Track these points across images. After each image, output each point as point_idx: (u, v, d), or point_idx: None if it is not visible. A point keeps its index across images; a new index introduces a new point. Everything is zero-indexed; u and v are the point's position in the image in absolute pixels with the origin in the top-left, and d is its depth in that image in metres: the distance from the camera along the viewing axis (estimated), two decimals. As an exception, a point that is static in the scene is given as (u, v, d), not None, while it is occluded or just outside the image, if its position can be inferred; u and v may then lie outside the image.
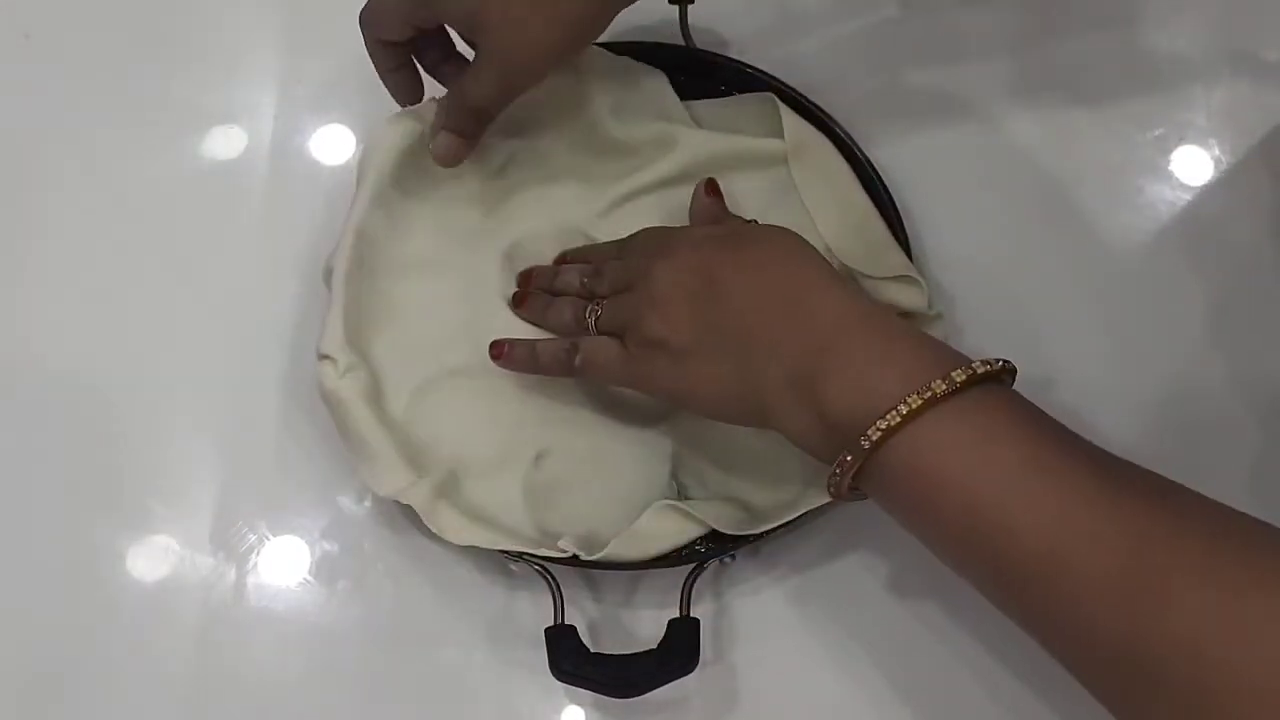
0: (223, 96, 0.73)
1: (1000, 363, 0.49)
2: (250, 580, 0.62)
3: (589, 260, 0.64)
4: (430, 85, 0.65)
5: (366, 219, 0.63)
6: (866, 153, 0.66)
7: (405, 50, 0.62)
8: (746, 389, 0.53)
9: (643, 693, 0.56)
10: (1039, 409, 0.49)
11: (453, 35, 0.64)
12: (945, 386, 0.47)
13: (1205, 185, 0.69)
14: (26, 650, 0.62)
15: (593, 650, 0.57)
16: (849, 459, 0.49)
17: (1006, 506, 0.46)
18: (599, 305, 0.59)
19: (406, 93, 0.64)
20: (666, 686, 0.56)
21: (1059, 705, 0.58)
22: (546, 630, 0.57)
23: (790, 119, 0.67)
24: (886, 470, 0.49)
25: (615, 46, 0.68)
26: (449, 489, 0.59)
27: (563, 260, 0.65)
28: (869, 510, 0.52)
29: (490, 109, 0.61)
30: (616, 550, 0.57)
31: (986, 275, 0.66)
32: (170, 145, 0.72)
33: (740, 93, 0.69)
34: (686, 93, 0.68)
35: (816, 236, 0.66)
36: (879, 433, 0.47)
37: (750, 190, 0.67)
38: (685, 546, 0.59)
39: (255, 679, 0.61)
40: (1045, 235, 0.68)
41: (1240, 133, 0.70)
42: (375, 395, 0.61)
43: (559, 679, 0.56)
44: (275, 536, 0.63)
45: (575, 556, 0.57)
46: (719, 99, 0.69)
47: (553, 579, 0.58)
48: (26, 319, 0.68)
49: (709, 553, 0.59)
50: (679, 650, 0.56)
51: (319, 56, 0.74)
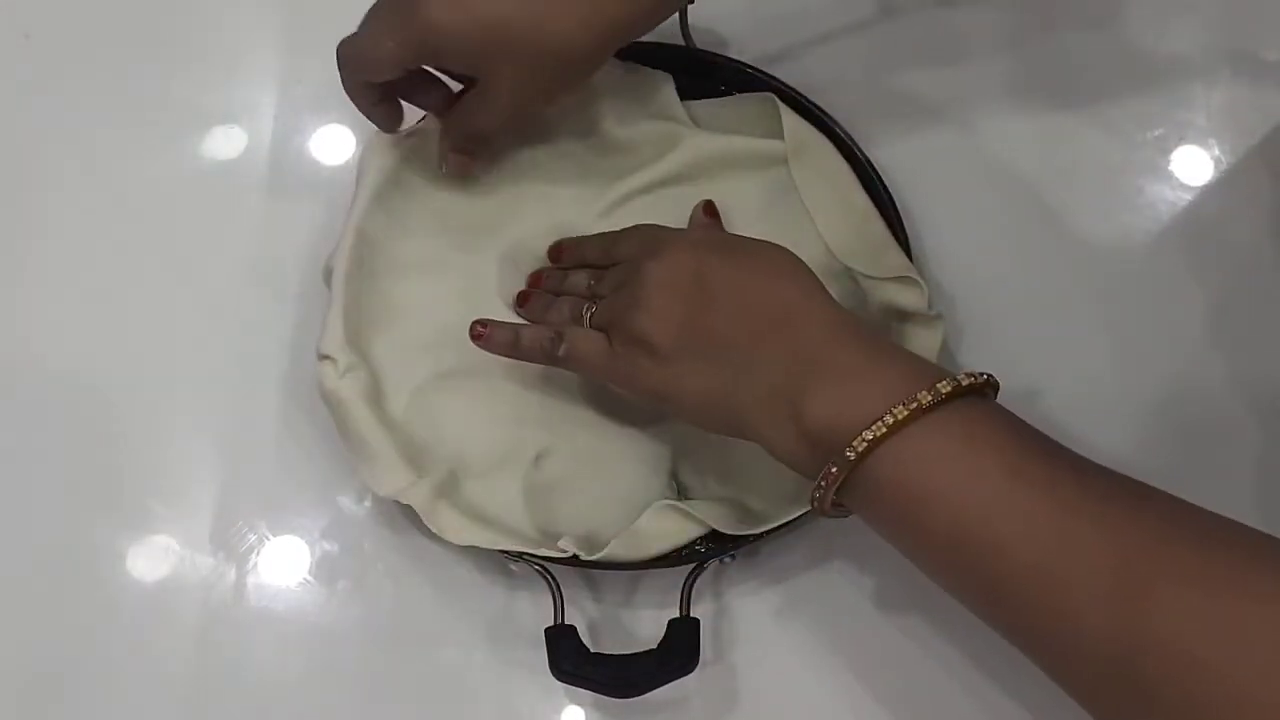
0: (223, 96, 0.73)
1: (984, 375, 0.49)
2: (250, 580, 0.62)
3: (584, 251, 0.64)
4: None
5: (366, 219, 0.63)
6: (866, 153, 0.66)
7: (389, 86, 0.61)
8: (725, 398, 0.52)
9: (643, 693, 0.56)
10: (1021, 420, 0.49)
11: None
12: (930, 398, 0.47)
13: (1205, 185, 0.69)
14: (26, 650, 0.62)
15: (593, 650, 0.57)
16: (834, 471, 0.48)
17: (991, 518, 0.46)
18: (595, 303, 0.59)
19: (392, 122, 0.64)
20: (666, 686, 0.56)
21: (1067, 708, 0.58)
22: (546, 630, 0.57)
23: (790, 119, 0.67)
24: (871, 483, 0.48)
25: (616, 47, 0.68)
26: (449, 489, 0.59)
27: (557, 250, 0.65)
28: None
29: (496, 133, 0.63)
30: (616, 550, 0.57)
31: (986, 275, 0.66)
32: (170, 145, 0.72)
33: (740, 93, 0.69)
34: (686, 93, 0.68)
35: (816, 236, 0.66)
36: (864, 444, 0.47)
37: (750, 190, 0.67)
38: (685, 546, 0.59)
39: (255, 679, 0.61)
40: (1045, 235, 0.68)
41: (1240, 133, 0.70)
42: (375, 395, 0.61)
43: (559, 679, 0.56)
44: (275, 536, 0.63)
45: (575, 556, 0.57)
46: (719, 99, 0.69)
47: (553, 579, 0.58)
48: (26, 319, 0.68)
49: (709, 553, 0.59)
50: (679, 650, 0.56)
51: (319, 56, 0.73)
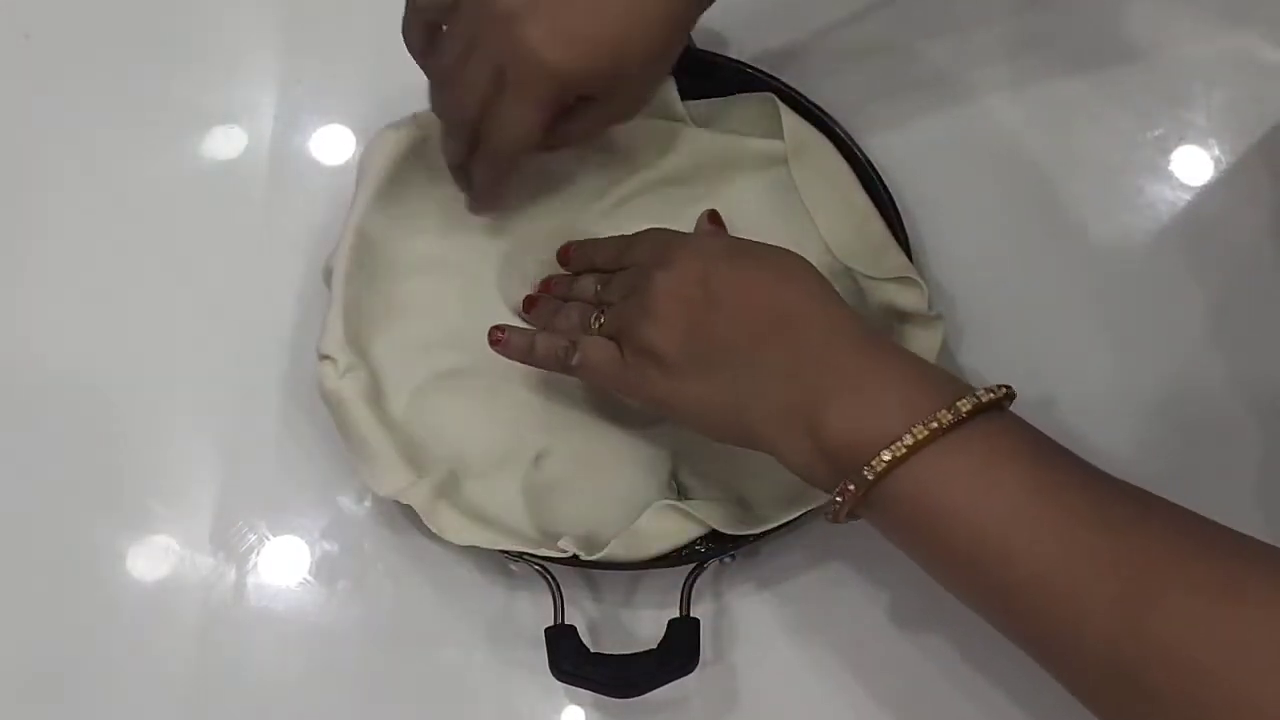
0: (223, 96, 0.73)
1: (1002, 389, 0.49)
2: (250, 580, 0.62)
3: (595, 254, 0.63)
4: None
5: (366, 219, 0.63)
6: (866, 153, 0.66)
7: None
8: (736, 410, 0.52)
9: (643, 693, 0.56)
10: (1038, 431, 0.49)
11: None
12: (951, 417, 0.47)
13: (1205, 185, 0.69)
14: (26, 650, 0.62)
15: (593, 650, 0.57)
16: (851, 488, 0.48)
17: (1009, 534, 0.46)
18: (603, 310, 0.58)
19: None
20: (666, 686, 0.56)
21: (1065, 704, 0.58)
22: (546, 630, 0.57)
23: (790, 119, 0.66)
24: (888, 499, 0.48)
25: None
26: (449, 489, 0.59)
27: (566, 251, 0.65)
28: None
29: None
30: (616, 550, 0.57)
31: (986, 276, 0.66)
32: (170, 145, 0.72)
33: (740, 93, 0.69)
34: (687, 93, 0.68)
35: (816, 236, 0.66)
36: (884, 464, 0.47)
37: (750, 190, 0.67)
38: (685, 546, 0.59)
39: (255, 679, 0.61)
40: (1045, 235, 0.68)
41: (1240, 133, 0.70)
42: (375, 395, 0.61)
43: (559, 679, 0.56)
44: (275, 536, 0.63)
45: (575, 556, 0.57)
46: (719, 99, 0.69)
47: (553, 579, 0.58)
48: (26, 319, 0.68)
49: (709, 553, 0.59)
50: (679, 650, 0.56)
51: (319, 56, 0.74)
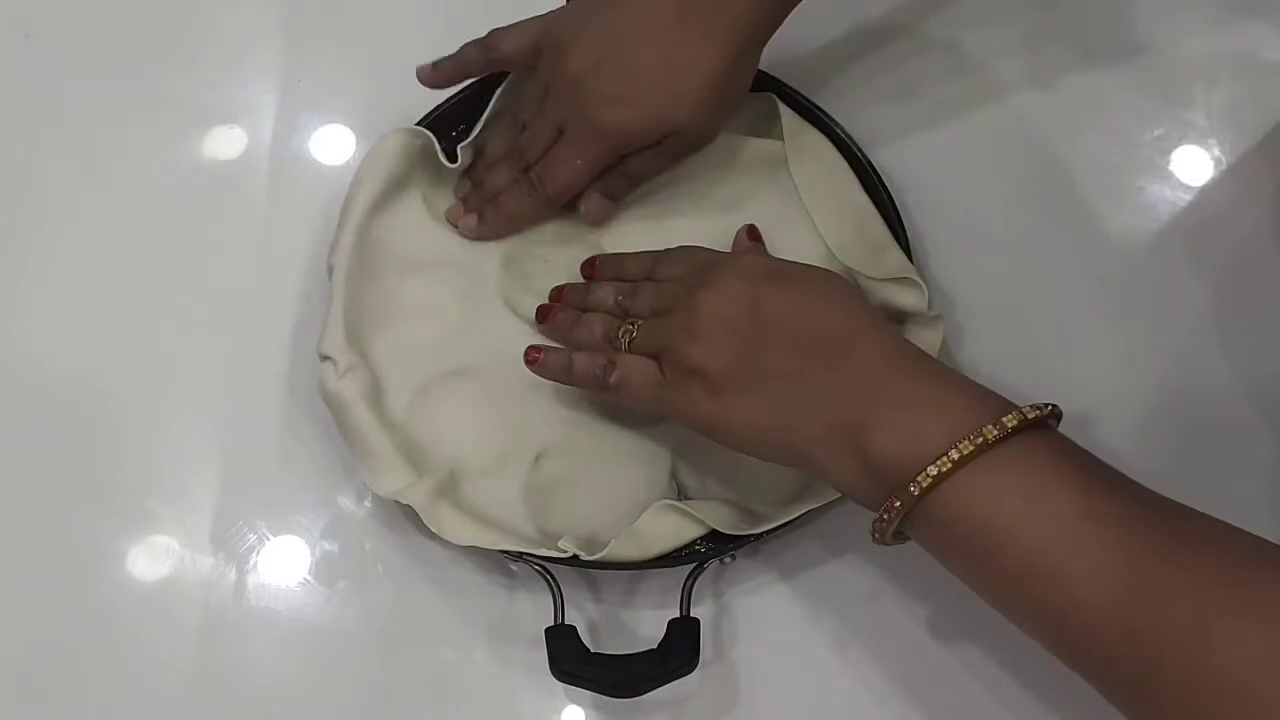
0: (223, 96, 0.73)
1: (1048, 407, 0.49)
2: (250, 580, 0.62)
3: (622, 270, 0.63)
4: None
5: (367, 219, 0.63)
6: (866, 153, 0.66)
7: None
8: (783, 430, 0.52)
9: (643, 693, 0.56)
10: (1086, 451, 0.49)
11: None
12: (996, 432, 0.47)
13: (1205, 185, 0.69)
14: (26, 650, 0.62)
15: (593, 650, 0.57)
16: (898, 504, 0.48)
17: (1060, 555, 0.46)
18: (634, 325, 0.58)
19: None
20: (666, 686, 0.56)
21: (1058, 705, 0.58)
22: (546, 630, 0.57)
23: (790, 119, 0.66)
24: (934, 516, 0.48)
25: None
26: (449, 489, 0.59)
27: (592, 266, 0.64)
28: (868, 511, 0.52)
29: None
30: (616, 550, 0.57)
31: (986, 276, 0.66)
32: (170, 145, 0.72)
33: (740, 93, 0.69)
34: (686, 93, 0.68)
35: (816, 236, 0.66)
36: (929, 479, 0.47)
37: (750, 191, 0.67)
38: (685, 546, 0.59)
39: (255, 679, 0.61)
40: (1046, 236, 0.68)
41: (1240, 132, 0.70)
42: (375, 396, 0.61)
43: (559, 679, 0.56)
44: (275, 536, 0.63)
45: (575, 556, 0.57)
46: (719, 99, 0.69)
47: (553, 579, 0.58)
48: (26, 319, 0.68)
49: (709, 553, 0.59)
50: (679, 650, 0.56)
51: (319, 56, 0.74)
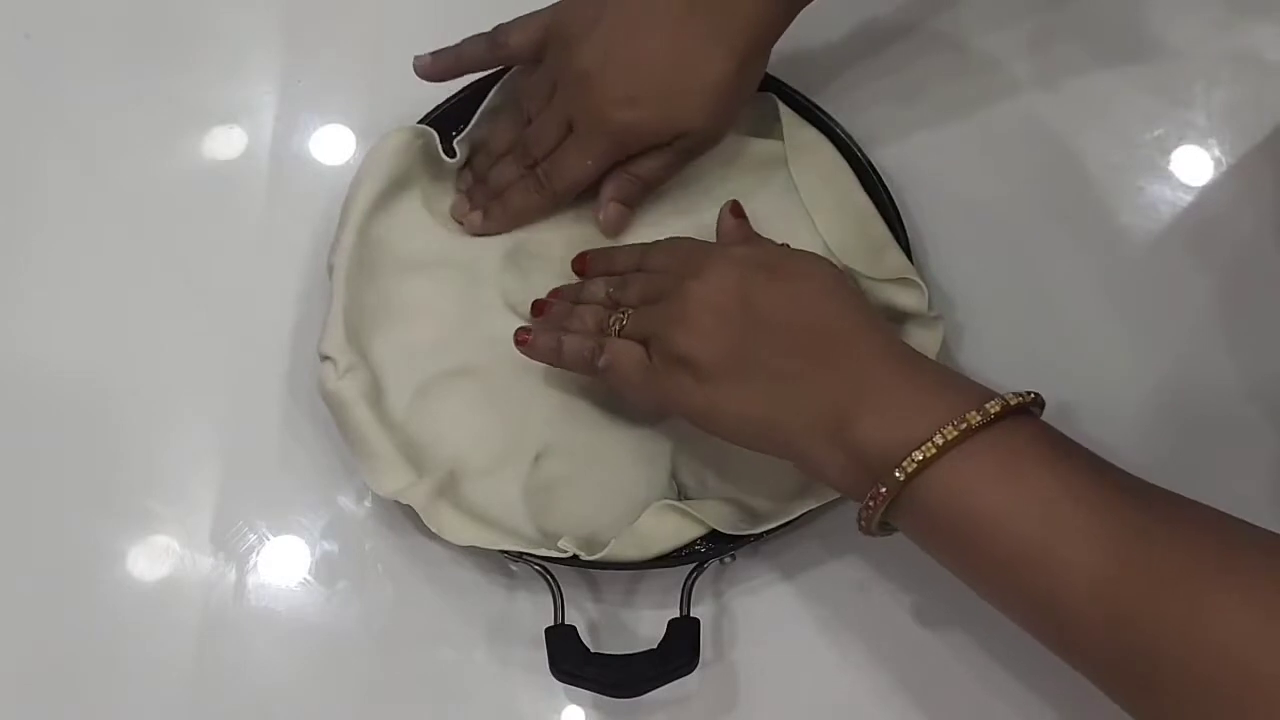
0: (223, 96, 0.73)
1: (1030, 394, 0.49)
2: (250, 580, 0.62)
3: (612, 261, 0.63)
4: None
5: (367, 218, 0.63)
6: (866, 153, 0.66)
7: None
8: (771, 420, 0.52)
9: (643, 693, 0.56)
10: (1068, 438, 0.49)
11: None
12: (980, 418, 0.47)
13: (1206, 185, 0.69)
14: (27, 650, 0.62)
15: (593, 650, 0.57)
16: (883, 491, 0.48)
17: (1044, 539, 0.46)
18: (624, 314, 0.58)
19: None
20: (666, 686, 0.56)
21: (1058, 701, 0.58)
22: (546, 630, 0.57)
23: (790, 119, 0.66)
24: (919, 503, 0.48)
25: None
26: (449, 489, 0.59)
27: (583, 260, 0.64)
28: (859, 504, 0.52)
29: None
30: (616, 550, 0.57)
31: (986, 276, 0.66)
32: (170, 145, 0.72)
33: (740, 93, 0.69)
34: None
35: (816, 237, 0.66)
36: (914, 464, 0.47)
37: (749, 190, 0.67)
38: (685, 546, 0.59)
39: (255, 679, 0.61)
40: (1046, 236, 0.68)
41: (1240, 133, 0.70)
42: (375, 395, 0.61)
43: (559, 679, 0.56)
44: (275, 536, 0.63)
45: (575, 556, 0.57)
46: (719, 99, 0.69)
47: (553, 579, 0.58)
48: (26, 319, 0.68)
49: (709, 553, 0.59)
50: (679, 650, 0.56)
51: (319, 56, 0.74)
